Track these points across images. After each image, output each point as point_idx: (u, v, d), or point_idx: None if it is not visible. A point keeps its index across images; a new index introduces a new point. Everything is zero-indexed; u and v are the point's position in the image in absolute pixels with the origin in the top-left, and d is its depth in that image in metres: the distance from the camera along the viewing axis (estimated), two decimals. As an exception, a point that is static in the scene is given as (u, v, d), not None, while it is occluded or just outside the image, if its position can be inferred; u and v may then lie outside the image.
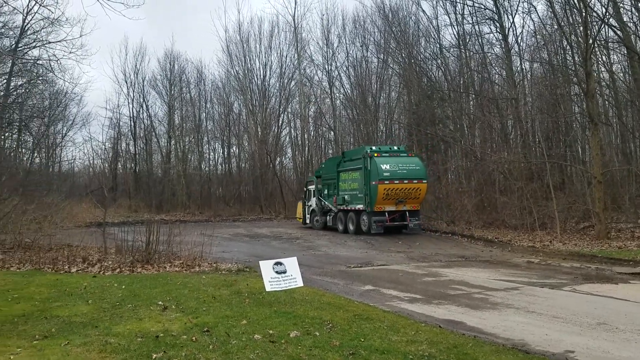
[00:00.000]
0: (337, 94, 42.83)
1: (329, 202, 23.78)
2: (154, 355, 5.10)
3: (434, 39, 32.52)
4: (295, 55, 42.92)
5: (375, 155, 21.09)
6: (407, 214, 21.18)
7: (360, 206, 21.36)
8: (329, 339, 5.73)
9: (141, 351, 5.27)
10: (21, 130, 33.96)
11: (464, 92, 29.51)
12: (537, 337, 6.08)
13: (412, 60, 32.25)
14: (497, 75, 29.05)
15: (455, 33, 29.95)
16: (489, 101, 26.75)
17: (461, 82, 30.41)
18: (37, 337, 5.85)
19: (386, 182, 20.44)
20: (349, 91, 41.50)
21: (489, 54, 28.32)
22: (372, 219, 20.57)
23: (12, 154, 32.19)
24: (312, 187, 25.70)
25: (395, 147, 23.21)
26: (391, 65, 36.90)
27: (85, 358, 5.09)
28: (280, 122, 45.36)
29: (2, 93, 30.17)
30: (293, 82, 44.24)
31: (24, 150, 37.60)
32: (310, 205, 25.45)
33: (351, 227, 21.84)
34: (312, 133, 44.76)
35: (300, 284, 7.45)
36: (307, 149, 44.09)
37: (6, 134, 32.81)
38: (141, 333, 5.98)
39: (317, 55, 43.21)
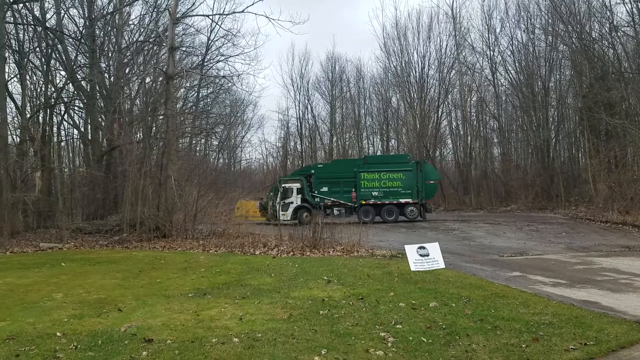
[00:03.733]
0: (503, 81, 41.52)
1: (340, 198, 26.87)
2: (321, 312, 6.69)
3: (606, 18, 29.99)
4: (455, 44, 42.66)
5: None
6: None
7: (408, 200, 26.52)
8: (463, 309, 6.76)
9: (312, 309, 6.91)
10: (209, 135, 39.41)
11: (643, 72, 26.85)
12: (668, 317, 6.32)
13: (583, 42, 30.19)
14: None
15: (629, 10, 27.33)
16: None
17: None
18: (237, 298, 7.82)
19: (438, 181, 28.33)
20: (514, 77, 40.01)
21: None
22: (426, 207, 27.11)
23: (202, 157, 37.48)
24: (294, 185, 27.16)
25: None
26: (560, 48, 34.83)
27: (272, 311, 6.87)
28: (440, 113, 45.39)
29: (191, 104, 35.47)
30: (453, 72, 43.96)
31: (210, 152, 43.57)
32: (292, 202, 26.89)
33: (388, 217, 26.38)
34: (474, 122, 44.02)
35: (442, 265, 8.47)
36: (469, 138, 43.53)
37: (197, 139, 38.39)
38: (311, 297, 7.65)
39: (478, 43, 42.40)
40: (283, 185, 27.39)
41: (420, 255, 8.33)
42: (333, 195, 26.95)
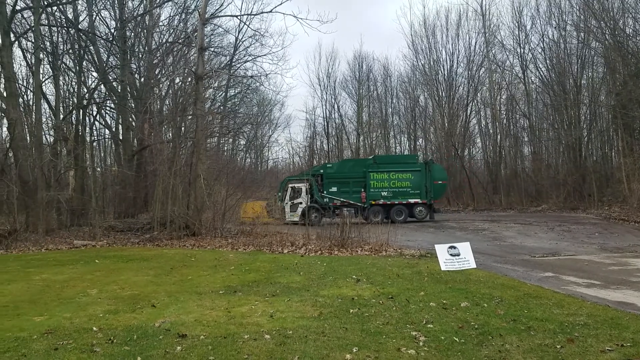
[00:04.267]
0: (533, 78, 40.82)
1: (349, 198, 26.39)
2: (351, 310, 6.70)
3: (640, 13, 29.14)
4: (484, 42, 42.13)
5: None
6: None
7: (417, 200, 26.55)
8: (495, 309, 6.67)
9: (342, 307, 6.92)
10: (236, 135, 39.81)
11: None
12: None
13: (616, 38, 29.40)
14: None
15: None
16: None
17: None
18: (267, 296, 7.89)
19: (446, 181, 28.61)
20: (545, 74, 39.28)
21: None
22: (433, 208, 27.02)
23: (230, 156, 37.88)
24: (303, 185, 26.64)
25: None
26: (593, 45, 34.04)
27: (302, 308, 6.91)
28: (469, 112, 44.84)
29: (219, 104, 35.88)
30: (482, 70, 43.43)
31: (237, 151, 43.99)
32: (300, 203, 26.42)
33: (397, 217, 25.64)
34: (504, 121, 43.35)
35: (472, 265, 8.37)
36: (498, 137, 42.88)
37: (225, 139, 38.81)
38: (340, 296, 7.67)
39: (508, 40, 41.81)
40: (292, 185, 27.04)
41: (451, 254, 8.26)
42: (342, 195, 26.53)
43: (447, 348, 5.17)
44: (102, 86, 26.89)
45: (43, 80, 25.20)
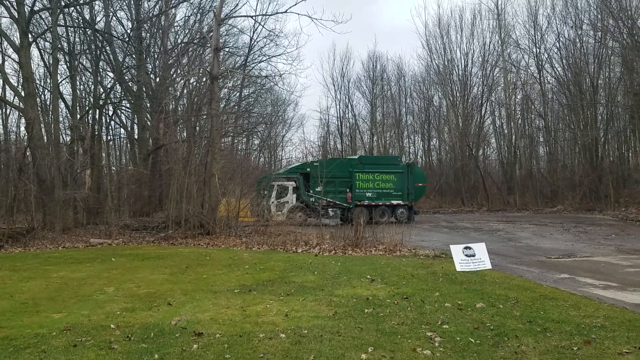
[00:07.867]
0: (549, 78, 40.50)
1: (334, 198, 25.91)
2: (366, 310, 6.71)
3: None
4: (499, 41, 41.86)
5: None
6: None
7: (399, 201, 26.77)
8: (511, 310, 6.64)
9: (356, 307, 6.94)
10: (250, 134, 39.95)
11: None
12: None
13: (634, 38, 29.06)
14: None
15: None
16: None
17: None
18: (282, 295, 7.92)
19: (426, 184, 29.23)
20: (561, 74, 38.95)
21: None
22: (414, 210, 27.42)
23: (244, 156, 38.01)
24: (289, 184, 26.27)
25: None
26: (610, 44, 33.66)
27: (317, 308, 6.94)
28: (483, 112, 44.68)
29: (233, 104, 35.99)
30: (497, 69, 43.19)
31: (251, 151, 44.17)
32: (286, 202, 26.07)
33: (380, 219, 24.81)
34: (519, 121, 43.04)
35: (488, 266, 8.33)
36: (513, 137, 42.59)
37: (239, 139, 38.97)
38: (355, 296, 7.68)
39: (523, 39, 41.58)
40: (278, 183, 26.25)
41: (466, 255, 8.23)
42: (327, 195, 25.24)
43: (463, 349, 5.15)
44: (118, 86, 27.17)
45: (60, 80, 25.55)
